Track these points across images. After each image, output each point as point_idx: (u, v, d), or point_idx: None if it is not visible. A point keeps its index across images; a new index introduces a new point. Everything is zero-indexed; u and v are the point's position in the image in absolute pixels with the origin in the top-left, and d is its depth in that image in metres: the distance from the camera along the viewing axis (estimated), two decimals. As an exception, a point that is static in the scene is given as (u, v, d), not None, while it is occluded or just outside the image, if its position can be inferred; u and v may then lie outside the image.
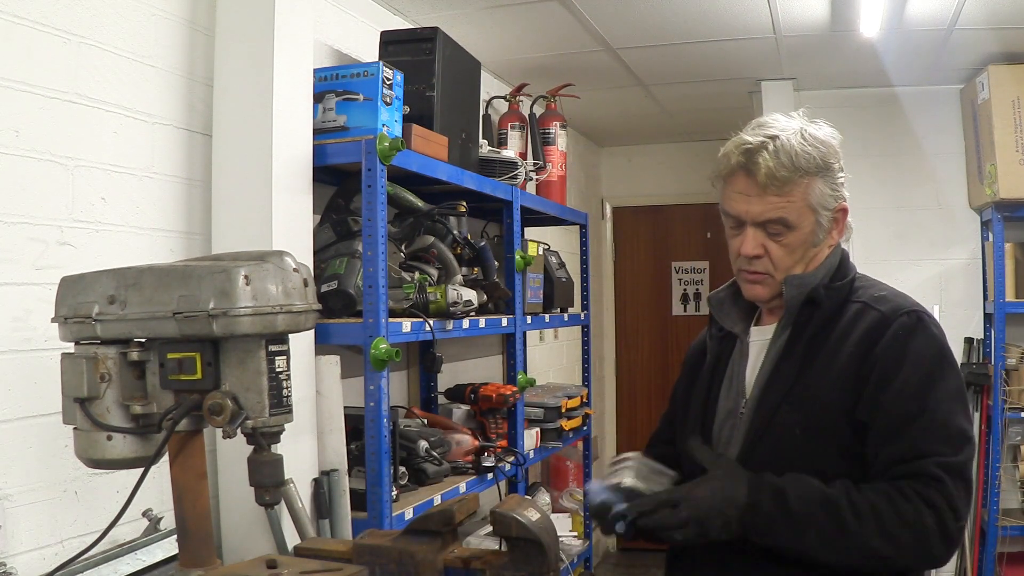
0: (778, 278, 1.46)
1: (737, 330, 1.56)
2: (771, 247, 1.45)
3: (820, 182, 1.45)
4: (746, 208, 1.44)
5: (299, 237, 2.17)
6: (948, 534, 1.28)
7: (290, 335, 1.24)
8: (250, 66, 2.10)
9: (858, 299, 1.45)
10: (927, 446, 1.31)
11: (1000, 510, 3.93)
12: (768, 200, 1.43)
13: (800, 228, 1.44)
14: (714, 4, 3.18)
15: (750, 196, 1.44)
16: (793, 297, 1.45)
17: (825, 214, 1.47)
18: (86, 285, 1.25)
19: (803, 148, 1.43)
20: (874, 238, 4.38)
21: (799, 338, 1.44)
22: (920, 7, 3.20)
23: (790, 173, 1.42)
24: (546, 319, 3.40)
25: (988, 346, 4.19)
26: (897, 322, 1.39)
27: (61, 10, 1.80)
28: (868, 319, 1.41)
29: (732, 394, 1.52)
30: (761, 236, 1.45)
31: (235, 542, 2.08)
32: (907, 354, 1.36)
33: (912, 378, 1.35)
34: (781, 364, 1.44)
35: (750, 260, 1.46)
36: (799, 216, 1.44)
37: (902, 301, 1.44)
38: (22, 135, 1.72)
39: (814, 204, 1.45)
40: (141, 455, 1.24)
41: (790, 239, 1.44)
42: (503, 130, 3.62)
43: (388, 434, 2.18)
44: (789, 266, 1.46)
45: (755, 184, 1.43)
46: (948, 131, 4.32)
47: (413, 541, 1.36)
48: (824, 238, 1.48)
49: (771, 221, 1.44)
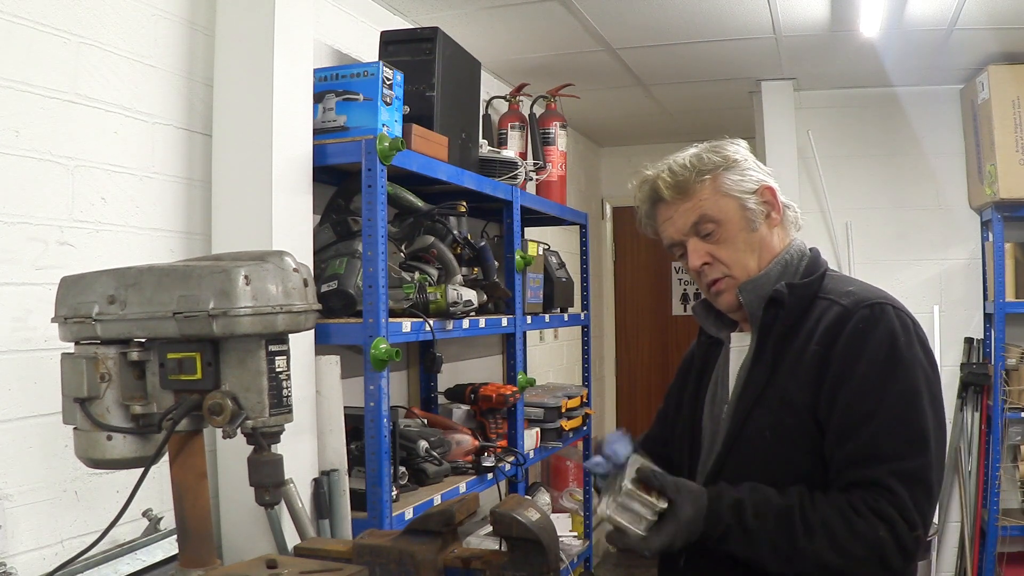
0: (738, 276, 1.47)
1: (722, 336, 1.57)
2: (713, 250, 1.47)
3: (725, 174, 1.48)
4: (673, 227, 1.50)
5: (299, 237, 2.17)
6: (903, 545, 1.27)
7: (290, 335, 1.24)
8: (250, 66, 2.10)
9: (826, 295, 1.43)
10: (882, 448, 1.29)
11: (1000, 510, 3.93)
12: (683, 208, 1.48)
13: (727, 218, 1.46)
14: (714, 4, 3.18)
15: (671, 216, 1.50)
16: (751, 302, 1.46)
17: (748, 197, 1.47)
18: (86, 285, 1.25)
19: (696, 157, 1.49)
20: (874, 238, 4.39)
21: (766, 340, 1.44)
22: (920, 7, 3.20)
23: (689, 175, 1.47)
24: (546, 319, 3.40)
25: (988, 346, 4.19)
26: (857, 315, 1.36)
27: (61, 10, 1.80)
28: (831, 314, 1.39)
29: (717, 399, 1.53)
30: (700, 245, 1.48)
31: (235, 542, 2.08)
32: (865, 349, 1.33)
33: (870, 374, 1.32)
34: (753, 368, 1.44)
35: (703, 272, 1.49)
36: (717, 207, 1.46)
37: (867, 294, 1.41)
38: (22, 135, 1.72)
39: (728, 191, 1.47)
40: (141, 455, 1.24)
41: (723, 233, 1.47)
42: (503, 130, 3.62)
43: (388, 434, 2.18)
44: (740, 259, 1.47)
45: (667, 203, 1.50)
46: (948, 131, 4.33)
47: (413, 541, 1.36)
48: (762, 221, 1.48)
49: (696, 223, 1.47)
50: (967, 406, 4.19)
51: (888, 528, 1.26)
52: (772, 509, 1.31)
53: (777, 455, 1.38)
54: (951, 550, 4.20)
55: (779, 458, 1.37)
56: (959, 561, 4.14)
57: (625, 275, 6.22)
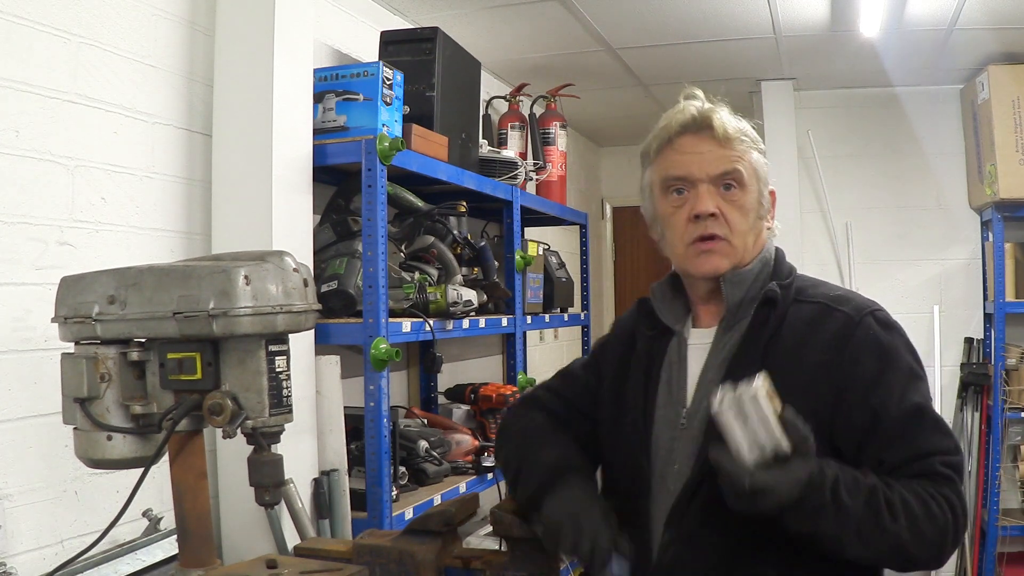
0: (735, 244, 1.39)
1: (678, 327, 1.46)
2: (725, 207, 1.38)
3: (757, 153, 1.44)
4: (700, 165, 1.39)
5: (299, 237, 2.17)
6: (959, 532, 1.27)
7: (290, 335, 1.24)
8: (250, 66, 2.10)
9: (811, 299, 1.39)
10: (930, 445, 1.29)
11: (1000, 510, 3.93)
12: (724, 153, 1.39)
13: (750, 190, 1.40)
14: (714, 4, 3.18)
15: (703, 152, 1.40)
16: (732, 295, 1.39)
17: (764, 189, 1.44)
18: (86, 285, 1.25)
19: (742, 123, 1.44)
20: (874, 238, 4.38)
21: (755, 341, 1.36)
22: (920, 7, 3.20)
23: (739, 134, 1.41)
24: (546, 319, 3.40)
25: (988, 346, 4.19)
26: (864, 323, 1.34)
27: (61, 10, 1.80)
28: (834, 321, 1.35)
29: (672, 401, 1.41)
30: (715, 193, 1.39)
31: (235, 542, 2.08)
32: (888, 356, 1.32)
33: (899, 379, 1.31)
34: (737, 370, 1.33)
35: (706, 222, 1.38)
36: (750, 176, 1.41)
37: (862, 300, 1.40)
38: (22, 135, 1.72)
39: (758, 171, 1.43)
40: (141, 455, 1.24)
41: (744, 199, 1.39)
42: (503, 130, 3.62)
43: (388, 434, 2.18)
44: (744, 231, 1.40)
45: (710, 139, 1.40)
46: (948, 131, 4.33)
47: (413, 541, 1.36)
48: (765, 216, 1.45)
49: (727, 174, 1.38)
50: (967, 406, 4.18)
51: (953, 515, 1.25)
52: (862, 486, 1.23)
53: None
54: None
55: None
56: (959, 561, 4.14)
57: (625, 275, 6.21)
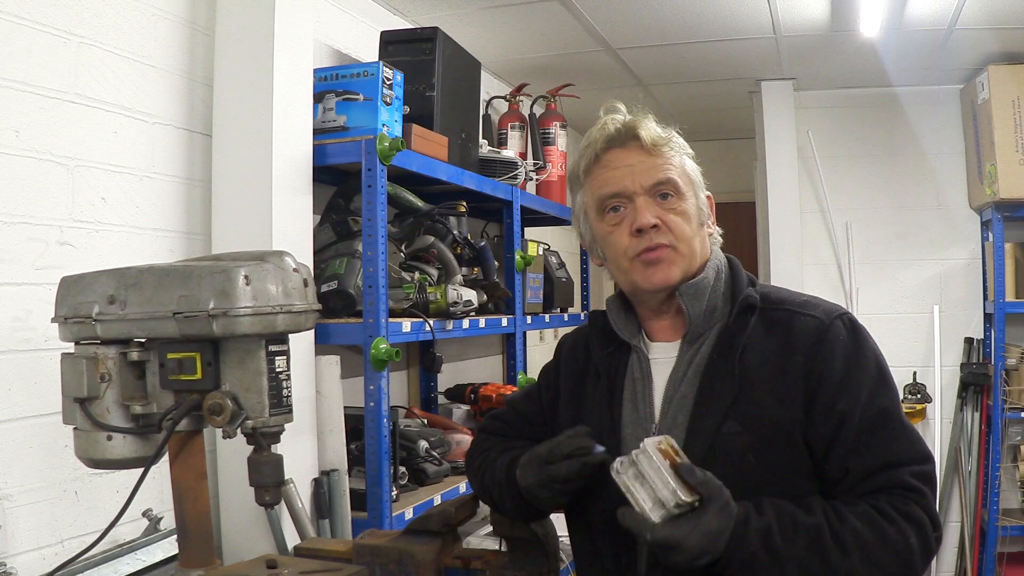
0: (682, 251, 1.36)
1: (635, 343, 1.43)
2: (666, 217, 1.36)
3: (688, 159, 1.42)
4: (632, 177, 1.37)
5: (299, 237, 2.17)
6: (929, 549, 1.23)
7: (290, 335, 1.24)
8: (250, 66, 2.10)
9: (777, 306, 1.37)
10: (897, 454, 1.25)
11: (1000, 510, 3.94)
12: (655, 162, 1.37)
13: (687, 197, 1.38)
14: (714, 4, 3.18)
15: (633, 164, 1.37)
16: (694, 307, 1.37)
17: (701, 194, 1.42)
18: (86, 285, 1.25)
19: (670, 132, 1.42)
20: (874, 238, 4.38)
21: (730, 350, 1.33)
22: (920, 7, 3.20)
23: (666, 141, 1.39)
24: (546, 319, 3.40)
25: (988, 346, 4.19)
26: (834, 326, 1.32)
27: (61, 10, 1.81)
28: (803, 327, 1.33)
29: (639, 419, 1.37)
30: (653, 204, 1.36)
31: (235, 542, 2.08)
32: (856, 359, 1.30)
33: (866, 383, 1.29)
34: (714, 383, 1.32)
35: (649, 235, 1.35)
36: (685, 183, 1.39)
37: (829, 305, 1.38)
38: (22, 135, 1.72)
39: (692, 177, 1.41)
40: (141, 455, 1.24)
41: (682, 206, 1.37)
42: (503, 130, 3.62)
43: (388, 434, 2.18)
44: (688, 237, 1.37)
45: (638, 150, 1.38)
46: (948, 131, 4.33)
47: (413, 541, 1.37)
48: (705, 222, 1.42)
49: (662, 183, 1.36)
50: (967, 406, 4.19)
51: (917, 531, 1.21)
52: (801, 528, 1.20)
53: (763, 480, 1.27)
54: (951, 550, 4.20)
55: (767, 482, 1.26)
56: (959, 561, 4.14)
57: (625, 275, 6.20)
